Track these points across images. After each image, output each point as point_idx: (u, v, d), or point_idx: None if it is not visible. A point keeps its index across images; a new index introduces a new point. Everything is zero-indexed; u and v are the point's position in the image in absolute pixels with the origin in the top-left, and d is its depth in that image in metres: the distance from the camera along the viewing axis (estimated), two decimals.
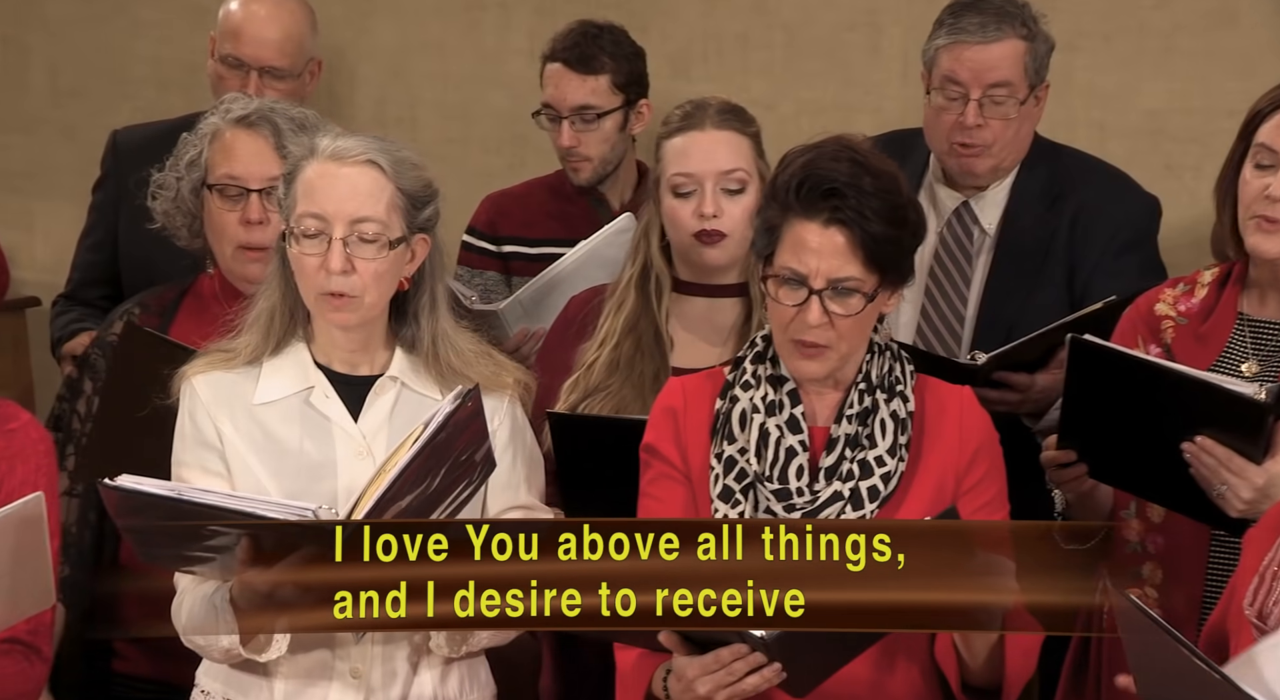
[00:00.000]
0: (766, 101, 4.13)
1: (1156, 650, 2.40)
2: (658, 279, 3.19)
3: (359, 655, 2.77)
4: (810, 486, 2.74)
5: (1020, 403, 3.25)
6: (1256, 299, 3.01)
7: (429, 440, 2.63)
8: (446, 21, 4.46)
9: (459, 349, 2.85)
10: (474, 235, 3.94)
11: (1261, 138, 2.94)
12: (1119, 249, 3.42)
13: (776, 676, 2.61)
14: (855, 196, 2.68)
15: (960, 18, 3.46)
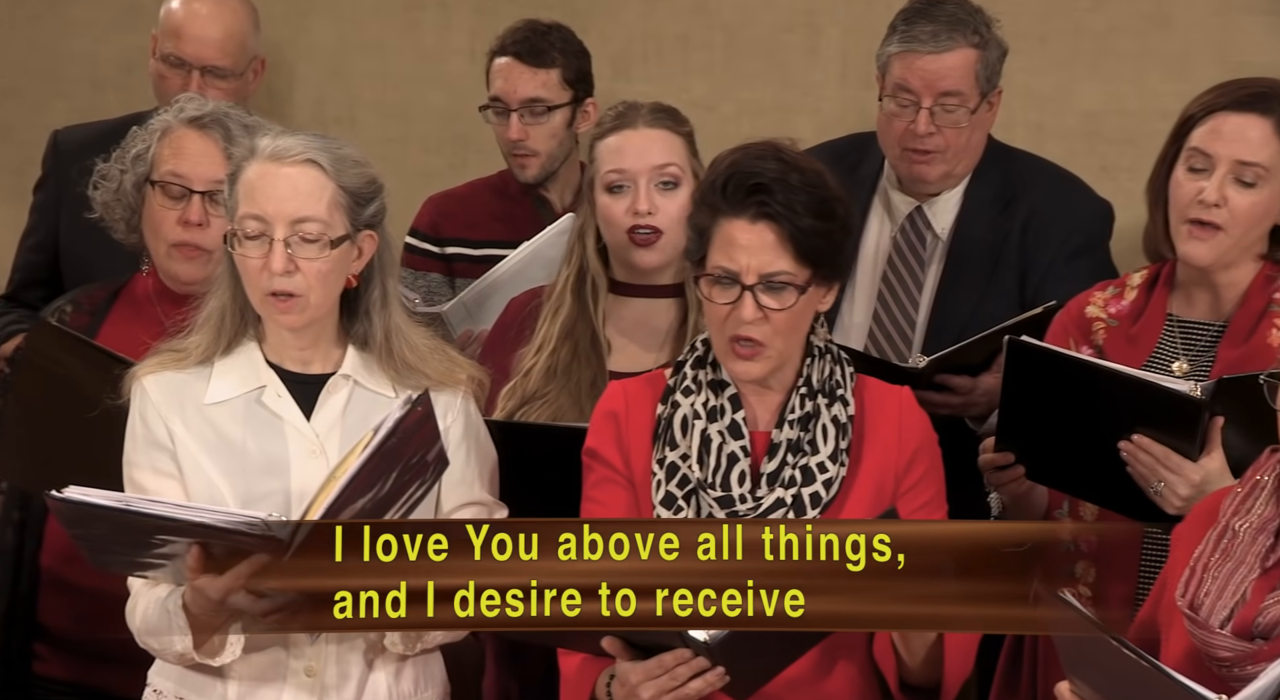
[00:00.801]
0: (707, 102, 4.14)
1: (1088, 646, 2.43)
2: (594, 281, 3.20)
3: (313, 654, 2.77)
4: (753, 493, 2.75)
5: (963, 405, 3.28)
6: (1184, 300, 3.05)
7: (379, 447, 2.62)
8: (385, 21, 4.45)
9: (413, 344, 2.84)
10: (416, 237, 3.94)
11: (1195, 142, 2.97)
12: (1071, 253, 3.45)
13: (720, 680, 2.63)
14: (782, 191, 2.70)
15: (913, 25, 3.47)
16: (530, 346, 3.20)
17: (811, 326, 2.82)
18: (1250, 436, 2.80)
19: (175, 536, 2.61)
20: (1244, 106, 2.94)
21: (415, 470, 2.69)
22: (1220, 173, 2.94)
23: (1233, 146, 2.94)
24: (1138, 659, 2.36)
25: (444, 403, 2.80)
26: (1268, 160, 2.94)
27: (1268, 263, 2.99)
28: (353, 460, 2.64)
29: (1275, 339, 2.95)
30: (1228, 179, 2.94)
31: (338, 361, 2.84)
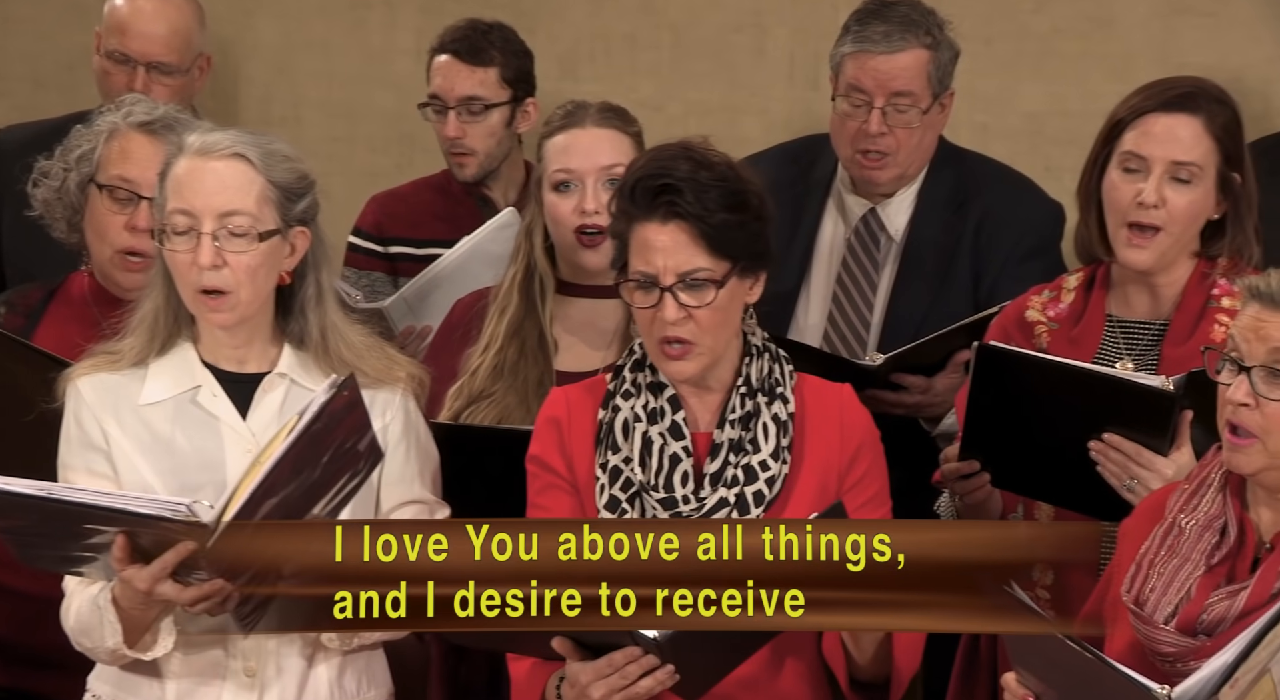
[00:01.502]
0: (654, 102, 4.15)
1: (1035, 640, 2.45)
2: (541, 280, 3.19)
3: (252, 653, 2.75)
4: (696, 494, 2.75)
5: (918, 405, 3.29)
6: (1122, 300, 3.07)
7: (304, 430, 2.60)
8: (331, 20, 4.44)
9: (350, 342, 2.83)
10: (360, 236, 3.92)
11: (1127, 145, 2.99)
12: (1023, 255, 3.46)
13: (670, 678, 2.62)
14: (690, 189, 2.71)
15: (866, 25, 3.48)
16: (477, 346, 3.19)
17: (751, 326, 2.82)
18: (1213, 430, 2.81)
19: (100, 525, 2.59)
20: (1172, 107, 2.97)
21: (347, 459, 2.67)
22: (1156, 173, 2.96)
23: (1166, 147, 2.96)
24: (1083, 651, 2.38)
25: (382, 400, 2.79)
26: (1200, 159, 2.97)
27: (1202, 260, 3.02)
28: (278, 445, 2.62)
29: (1218, 334, 2.97)
30: (1164, 179, 2.96)
31: (274, 360, 2.82)
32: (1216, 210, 3.01)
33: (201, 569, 2.60)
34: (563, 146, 3.17)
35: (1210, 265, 3.02)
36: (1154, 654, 2.53)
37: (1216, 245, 3.01)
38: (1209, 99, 2.99)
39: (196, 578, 2.61)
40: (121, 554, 2.60)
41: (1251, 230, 3.01)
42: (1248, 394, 2.50)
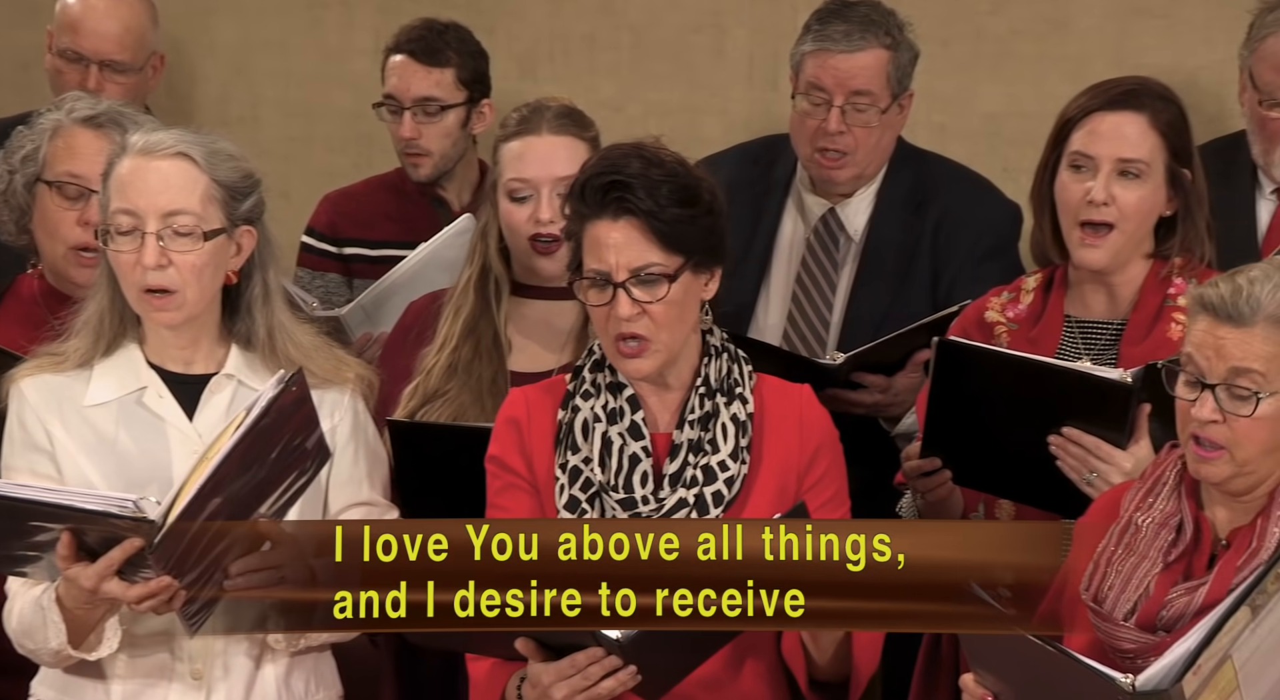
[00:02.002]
0: (614, 103, 4.15)
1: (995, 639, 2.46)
2: (496, 281, 3.19)
3: (199, 655, 2.74)
4: (655, 494, 2.75)
5: (877, 404, 3.30)
6: (1080, 301, 3.09)
7: (252, 425, 2.59)
8: (288, 19, 4.42)
9: (298, 342, 2.81)
10: (313, 236, 3.91)
11: (1075, 145, 3.01)
12: (982, 255, 3.48)
13: (632, 679, 2.62)
14: (640, 186, 2.71)
15: (826, 25, 3.50)
16: (432, 345, 3.18)
17: (710, 325, 2.83)
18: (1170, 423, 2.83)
19: (46, 523, 2.57)
20: (1117, 105, 3.00)
21: (295, 457, 2.66)
22: (1104, 172, 2.99)
23: (1112, 145, 2.98)
24: (1046, 646, 2.39)
25: (331, 401, 2.77)
26: (1147, 155, 2.99)
27: (1157, 260, 3.04)
28: (225, 441, 2.60)
29: (1175, 333, 2.99)
30: (1112, 177, 2.99)
31: (221, 361, 2.81)
32: (1168, 207, 3.03)
33: (148, 567, 2.58)
34: (518, 154, 3.16)
35: (1166, 265, 3.04)
36: (1114, 651, 2.54)
37: (1169, 243, 3.03)
38: (1153, 96, 3.01)
39: (142, 576, 2.60)
40: (66, 552, 2.58)
41: (1203, 227, 3.04)
42: (1214, 411, 2.51)
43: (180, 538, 2.57)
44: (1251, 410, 2.49)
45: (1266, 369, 2.50)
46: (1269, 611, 2.36)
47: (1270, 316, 2.50)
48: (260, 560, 2.65)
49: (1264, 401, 2.49)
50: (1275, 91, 3.38)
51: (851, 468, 2.84)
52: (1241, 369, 2.50)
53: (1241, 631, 2.35)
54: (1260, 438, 2.52)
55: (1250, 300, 2.51)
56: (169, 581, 2.58)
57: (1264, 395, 2.49)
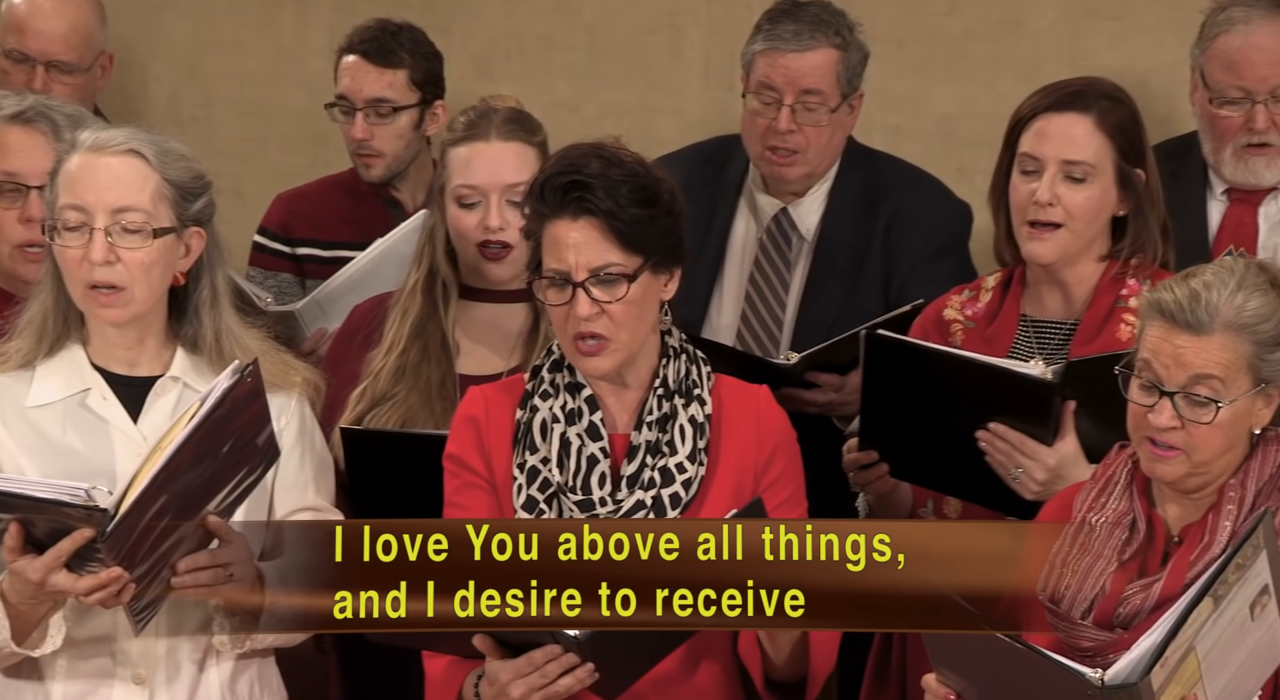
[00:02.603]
0: (570, 103, 4.15)
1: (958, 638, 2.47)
2: (444, 284, 3.18)
3: (141, 659, 2.71)
4: (613, 495, 2.75)
5: (831, 403, 3.31)
6: (1036, 300, 3.10)
7: (207, 415, 2.57)
8: (242, 18, 4.40)
9: (245, 346, 2.79)
10: (266, 236, 3.89)
11: (1024, 147, 3.03)
12: (933, 255, 3.51)
13: (589, 677, 2.62)
14: (601, 186, 2.71)
15: (777, 24, 3.52)
16: (379, 349, 3.17)
17: (669, 326, 2.83)
18: (1099, 420, 2.86)
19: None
20: (1065, 106, 3.01)
21: (246, 453, 2.64)
22: (1050, 173, 3.01)
23: (1058, 146, 3.00)
24: (1013, 643, 2.40)
25: (278, 405, 2.75)
26: (1093, 157, 3.01)
27: (1111, 261, 3.06)
28: (179, 431, 2.58)
29: (1124, 334, 3.01)
30: (1058, 178, 3.01)
31: (166, 363, 2.79)
32: (1120, 208, 3.05)
33: (96, 560, 2.56)
34: (465, 160, 3.15)
35: (1120, 265, 3.06)
36: (1073, 650, 2.55)
37: (1122, 243, 3.05)
38: (1100, 96, 3.03)
39: (89, 569, 2.57)
40: (14, 543, 2.56)
41: (1157, 228, 3.06)
42: (1173, 418, 2.52)
43: (132, 528, 2.55)
44: (1212, 417, 2.51)
45: (1225, 375, 2.51)
46: (1229, 602, 2.38)
47: (1228, 323, 2.51)
48: (209, 558, 2.64)
49: (1224, 410, 2.50)
50: (1225, 90, 3.41)
51: (806, 466, 2.84)
52: (1201, 376, 2.51)
53: (1205, 623, 2.37)
54: (1217, 442, 2.53)
55: (1208, 307, 2.51)
56: (119, 572, 2.56)
57: (1224, 403, 2.50)
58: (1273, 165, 3.42)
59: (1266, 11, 3.41)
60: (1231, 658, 2.41)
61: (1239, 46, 3.39)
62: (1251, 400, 2.53)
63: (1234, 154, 3.42)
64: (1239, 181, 3.44)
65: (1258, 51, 3.38)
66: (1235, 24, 3.40)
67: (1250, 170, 3.42)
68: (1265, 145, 3.41)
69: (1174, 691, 2.37)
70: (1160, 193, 3.07)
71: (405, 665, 2.90)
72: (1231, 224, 3.46)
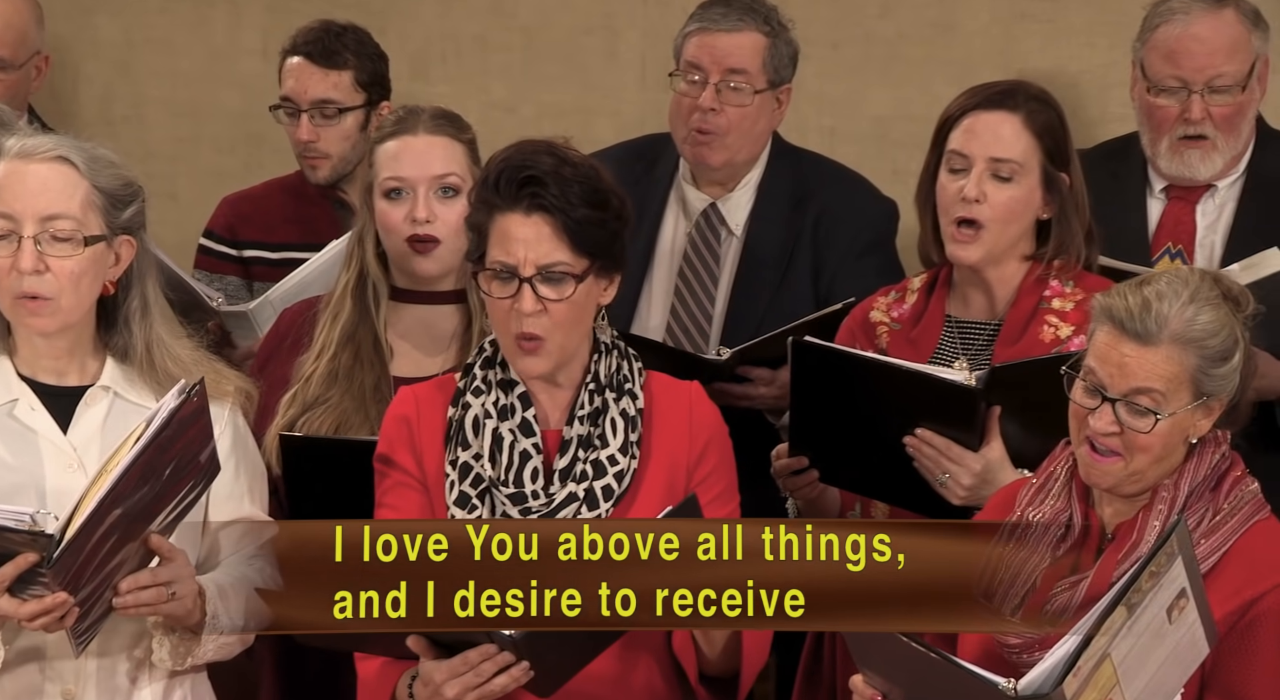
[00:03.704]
0: (507, 104, 4.15)
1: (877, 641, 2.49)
2: (374, 286, 3.16)
3: (72, 676, 2.68)
4: (545, 490, 2.75)
5: (762, 397, 3.33)
6: (961, 301, 3.13)
7: (154, 436, 2.55)
8: (174, 17, 4.38)
9: (176, 355, 2.77)
10: (212, 239, 3.87)
11: (952, 145, 3.05)
12: (860, 251, 3.53)
13: (524, 676, 2.62)
14: (555, 183, 2.71)
15: (709, 9, 3.56)
16: (310, 353, 3.16)
17: (601, 326, 2.83)
18: (1025, 425, 2.89)
19: None
20: (993, 105, 3.04)
21: (188, 470, 2.63)
22: (977, 170, 3.03)
23: (986, 144, 3.02)
24: (926, 651, 2.42)
25: (211, 414, 2.72)
26: (1020, 155, 3.03)
27: (1035, 262, 3.09)
28: (124, 453, 2.56)
29: (1047, 336, 3.04)
30: (985, 176, 3.03)
31: (95, 373, 2.76)
32: (1045, 210, 3.08)
33: (39, 583, 2.53)
34: (394, 154, 3.14)
35: (1045, 267, 3.08)
36: (1001, 646, 2.57)
37: (1044, 246, 3.08)
38: (1028, 97, 3.06)
39: (32, 593, 2.55)
40: None
41: (1081, 231, 3.08)
42: (1112, 423, 2.54)
43: (78, 553, 2.53)
44: (1150, 427, 2.53)
45: (1167, 389, 2.52)
46: (1144, 608, 2.39)
47: (1175, 336, 2.52)
48: (150, 577, 2.62)
49: (1162, 422, 2.53)
50: (1163, 79, 3.42)
51: (738, 461, 2.85)
52: (1143, 388, 2.52)
53: (1119, 630, 2.39)
54: (1155, 450, 2.55)
55: (1158, 318, 2.52)
56: (64, 597, 2.53)
57: (1163, 416, 2.52)
58: (1207, 158, 3.44)
59: (1207, 4, 3.42)
60: (1149, 660, 2.43)
61: (1177, 36, 3.41)
62: (1191, 413, 2.55)
63: (1170, 147, 3.44)
64: (1175, 175, 3.47)
65: (1196, 42, 3.40)
66: (1175, 15, 3.42)
67: (1185, 164, 3.45)
68: (1200, 138, 3.42)
69: (1090, 696, 2.38)
70: (1085, 196, 3.10)
71: (336, 670, 2.88)
72: (1170, 222, 3.48)
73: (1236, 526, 2.54)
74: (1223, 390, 2.56)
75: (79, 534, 2.53)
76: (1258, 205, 3.45)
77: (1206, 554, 2.51)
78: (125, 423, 2.71)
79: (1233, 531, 2.54)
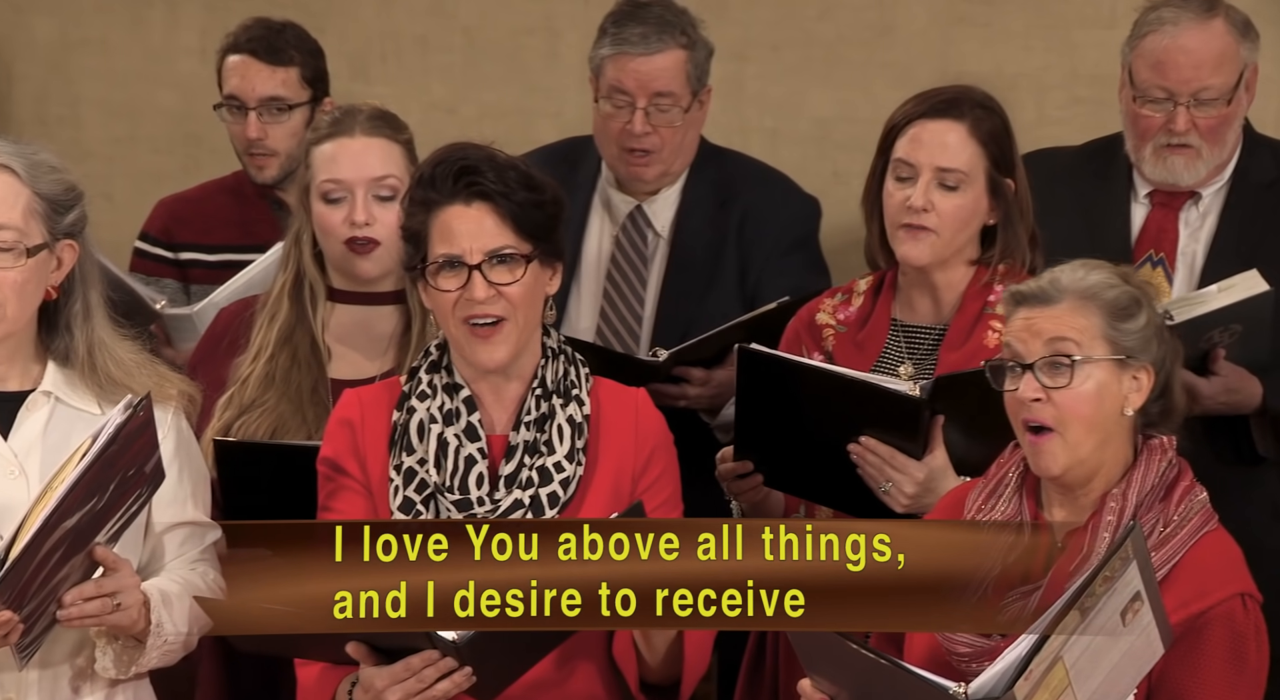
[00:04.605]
0: (447, 104, 4.14)
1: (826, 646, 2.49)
2: (312, 287, 3.15)
3: (13, 685, 2.65)
4: (491, 496, 2.75)
5: (699, 397, 3.35)
6: (906, 305, 3.14)
7: (100, 453, 2.53)
8: (110, 17, 4.34)
9: (118, 359, 2.75)
10: (147, 242, 3.83)
11: (898, 153, 3.07)
12: (785, 249, 3.56)
13: (467, 681, 2.62)
14: (491, 169, 2.72)
15: (623, 28, 3.56)
16: (247, 355, 3.13)
17: (546, 329, 2.83)
18: (968, 433, 2.91)
19: None
20: (939, 113, 3.06)
21: (133, 482, 2.61)
22: (924, 179, 3.04)
23: (933, 153, 3.04)
24: (875, 657, 2.43)
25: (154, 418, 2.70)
26: (966, 165, 3.05)
27: (980, 267, 3.11)
28: (70, 470, 2.54)
29: (992, 340, 3.06)
30: (932, 185, 3.05)
31: (36, 378, 2.73)
32: (990, 216, 3.10)
33: None
34: (331, 156, 3.12)
35: (989, 272, 3.11)
36: (950, 654, 2.58)
37: (990, 251, 3.10)
38: (973, 105, 3.08)
39: None
40: None
41: (1025, 237, 3.10)
42: (1037, 389, 2.58)
43: (24, 571, 2.51)
44: (1069, 379, 2.56)
45: (1079, 337, 2.58)
46: (1097, 612, 2.41)
47: (1076, 292, 2.59)
48: (95, 588, 2.60)
49: (1079, 367, 2.56)
50: (1149, 89, 3.41)
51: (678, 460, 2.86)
52: (1055, 339, 2.58)
53: (1071, 634, 2.40)
54: (1084, 412, 2.58)
55: (1055, 283, 2.60)
56: (9, 616, 2.51)
57: (1079, 358, 2.56)
58: (1191, 166, 3.45)
59: (1196, 14, 3.41)
60: (1102, 663, 2.45)
61: (1165, 47, 3.40)
62: (1113, 372, 2.58)
63: (1154, 152, 3.44)
64: (1158, 179, 3.47)
65: (1183, 53, 3.39)
66: (1164, 24, 3.40)
67: (1169, 169, 3.45)
68: (1185, 146, 3.43)
69: (1041, 699, 2.40)
70: (1029, 201, 3.12)
71: (276, 670, 2.87)
72: (1153, 228, 3.49)
73: (1186, 538, 2.57)
74: (1141, 351, 2.60)
75: (24, 553, 2.50)
76: (1241, 214, 3.46)
77: (1157, 566, 2.53)
78: (66, 428, 2.69)
79: (1182, 543, 2.57)
